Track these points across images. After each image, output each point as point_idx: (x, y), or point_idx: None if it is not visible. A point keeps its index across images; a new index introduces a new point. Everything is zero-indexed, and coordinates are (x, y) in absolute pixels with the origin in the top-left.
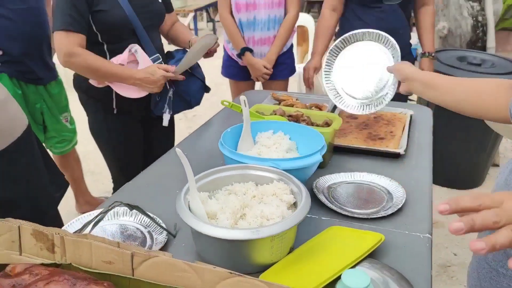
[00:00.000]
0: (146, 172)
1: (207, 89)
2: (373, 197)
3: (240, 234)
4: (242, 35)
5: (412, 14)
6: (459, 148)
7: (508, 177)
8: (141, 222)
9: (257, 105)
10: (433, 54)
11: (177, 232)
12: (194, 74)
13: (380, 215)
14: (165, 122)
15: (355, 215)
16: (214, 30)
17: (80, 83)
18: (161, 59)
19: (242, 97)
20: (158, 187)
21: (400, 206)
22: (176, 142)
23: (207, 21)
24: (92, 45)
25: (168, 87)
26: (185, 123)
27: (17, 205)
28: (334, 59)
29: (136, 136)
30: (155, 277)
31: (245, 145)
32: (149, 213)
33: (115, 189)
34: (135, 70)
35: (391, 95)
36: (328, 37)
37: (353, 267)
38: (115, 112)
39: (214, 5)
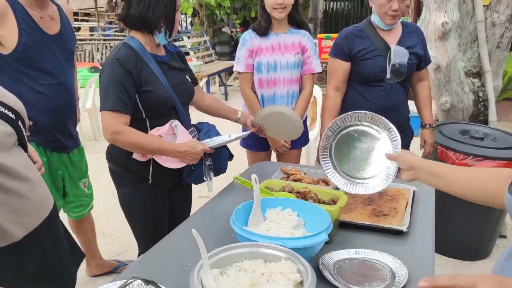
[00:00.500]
0: (162, 243)
1: (231, 157)
2: (376, 275)
3: None
4: None
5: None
6: (464, 220)
7: (503, 264)
8: None
9: (267, 181)
10: (433, 126)
11: None
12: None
13: None
14: (211, 188)
15: None
16: (225, 94)
17: (116, 156)
18: (196, 132)
19: (253, 176)
20: (172, 260)
21: (402, 285)
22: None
23: (219, 85)
24: (136, 121)
25: (204, 156)
26: (195, 187)
27: (41, 278)
28: (332, 138)
29: (164, 203)
30: None
31: (255, 221)
32: (162, 287)
33: (139, 255)
34: (177, 144)
35: (390, 180)
36: (335, 116)
37: None
38: (149, 182)
39: (226, 71)
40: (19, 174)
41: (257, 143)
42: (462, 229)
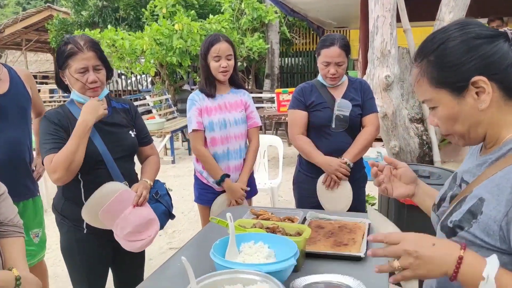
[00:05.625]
0: (154, 276)
1: (171, 216)
2: None
3: None
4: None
5: None
6: None
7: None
8: None
9: (239, 220)
10: (348, 163)
11: None
12: (159, 200)
13: None
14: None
15: None
16: (189, 149)
17: (56, 203)
18: (128, 185)
19: (228, 214)
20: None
21: None
22: (157, 258)
23: (182, 141)
24: (72, 182)
25: None
26: (165, 239)
27: None
28: None
29: (104, 256)
30: None
31: (232, 254)
32: None
33: None
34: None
35: None
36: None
37: None
38: (85, 231)
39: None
40: None
41: (215, 197)
42: None
